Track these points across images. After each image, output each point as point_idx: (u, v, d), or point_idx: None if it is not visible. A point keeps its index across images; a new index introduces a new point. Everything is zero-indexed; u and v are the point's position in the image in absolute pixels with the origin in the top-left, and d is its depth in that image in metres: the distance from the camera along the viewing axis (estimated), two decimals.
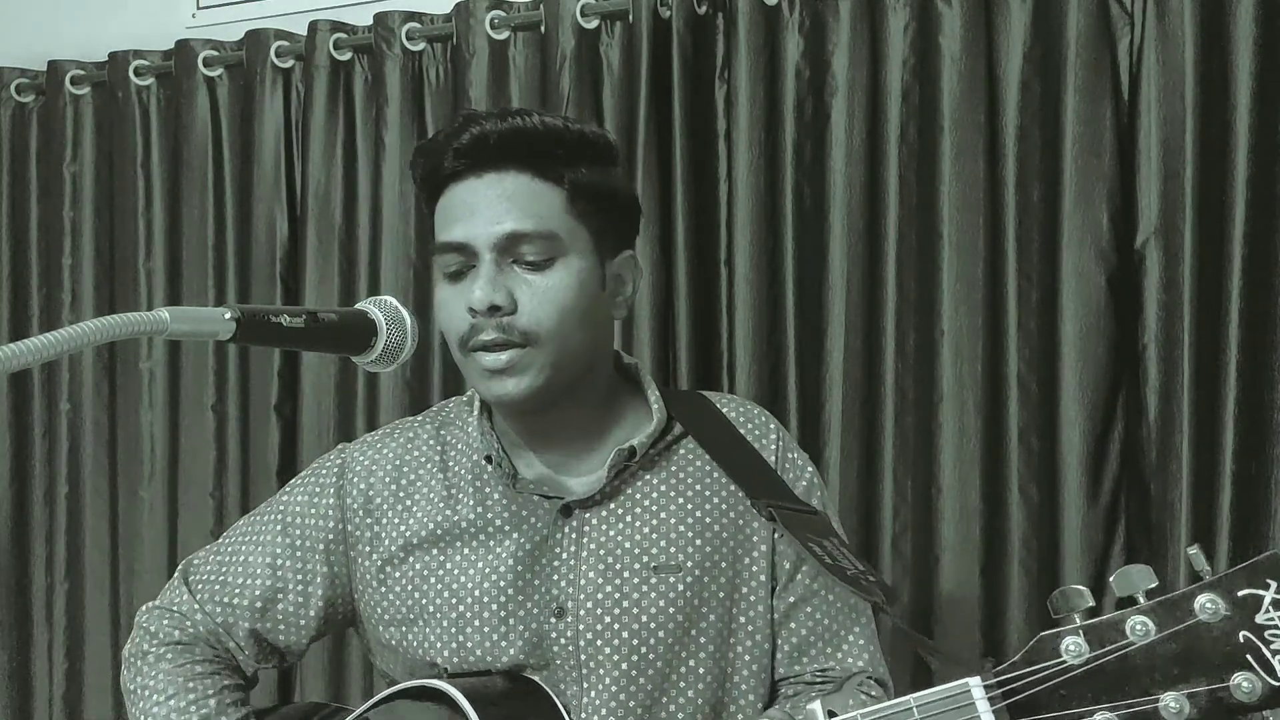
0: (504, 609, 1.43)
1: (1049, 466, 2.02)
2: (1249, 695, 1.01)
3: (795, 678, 1.48)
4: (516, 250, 1.39)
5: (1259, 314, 1.93)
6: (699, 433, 1.49)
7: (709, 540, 1.45)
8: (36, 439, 2.61)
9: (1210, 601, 1.02)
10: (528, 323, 1.38)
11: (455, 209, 1.42)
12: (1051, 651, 1.05)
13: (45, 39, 2.63)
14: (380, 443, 1.56)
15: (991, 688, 1.07)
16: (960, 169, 2.05)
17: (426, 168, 1.46)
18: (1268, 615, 1.01)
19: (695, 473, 1.49)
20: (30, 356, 0.97)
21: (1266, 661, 1.00)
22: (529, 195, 1.40)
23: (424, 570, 1.47)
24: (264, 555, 1.53)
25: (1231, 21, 1.94)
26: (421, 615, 1.46)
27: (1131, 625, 1.03)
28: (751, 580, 1.46)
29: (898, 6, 2.09)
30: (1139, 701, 1.03)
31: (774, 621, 1.47)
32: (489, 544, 1.45)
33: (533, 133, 1.41)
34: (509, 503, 1.46)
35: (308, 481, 1.57)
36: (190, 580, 1.57)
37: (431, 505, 1.49)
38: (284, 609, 1.52)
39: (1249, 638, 1.01)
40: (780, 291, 2.15)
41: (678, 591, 1.43)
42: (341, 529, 1.52)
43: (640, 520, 1.45)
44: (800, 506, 1.45)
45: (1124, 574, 1.05)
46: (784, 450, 1.52)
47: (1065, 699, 1.04)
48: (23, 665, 2.61)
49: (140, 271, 2.52)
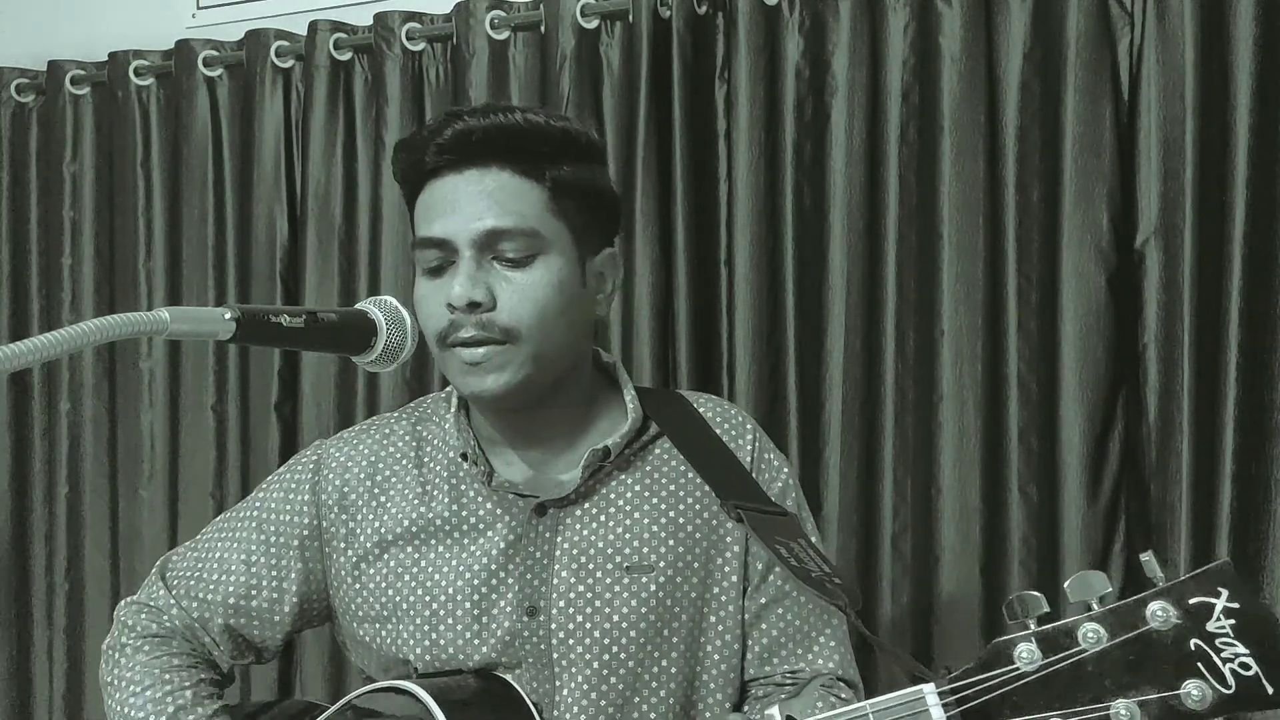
0: (477, 607, 1.43)
1: (1049, 466, 2.02)
2: (1199, 703, 1.01)
3: (765, 678, 1.49)
4: (497, 247, 1.38)
5: (1259, 314, 1.93)
6: (675, 433, 1.49)
7: (682, 541, 1.46)
8: (36, 439, 2.61)
9: (1162, 609, 1.02)
10: (507, 320, 1.37)
11: (436, 204, 1.41)
12: (1005, 658, 1.05)
13: (45, 39, 2.63)
14: (356, 439, 1.56)
15: (945, 694, 1.08)
16: (960, 169, 2.05)
17: (408, 162, 1.45)
18: (1219, 623, 1.01)
19: (670, 473, 1.49)
20: (30, 356, 0.97)
21: (1217, 670, 1.01)
22: (510, 192, 1.39)
23: (398, 567, 1.47)
24: (239, 552, 1.54)
25: (1231, 21, 1.94)
26: (395, 612, 1.46)
27: (1084, 632, 1.03)
28: (723, 581, 1.47)
29: (898, 6, 2.09)
30: (1091, 709, 1.03)
31: (745, 622, 1.47)
32: (463, 541, 1.45)
33: (515, 129, 1.41)
34: (484, 500, 1.46)
35: (283, 478, 1.57)
36: (167, 576, 1.57)
37: (406, 502, 1.49)
38: (258, 605, 1.53)
39: (1200, 645, 1.01)
40: (780, 291, 2.15)
41: (650, 591, 1.43)
42: (317, 525, 1.52)
43: (614, 520, 1.45)
44: (770, 508, 1.44)
45: (1081, 579, 1.04)
46: (760, 451, 1.52)
47: (1018, 705, 1.05)
48: (23, 665, 2.61)
49: (140, 271, 2.52)
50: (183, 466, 2.49)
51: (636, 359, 2.18)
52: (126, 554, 2.51)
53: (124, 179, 2.53)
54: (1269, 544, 1.93)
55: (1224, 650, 1.01)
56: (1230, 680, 1.00)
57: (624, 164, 2.20)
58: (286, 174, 2.45)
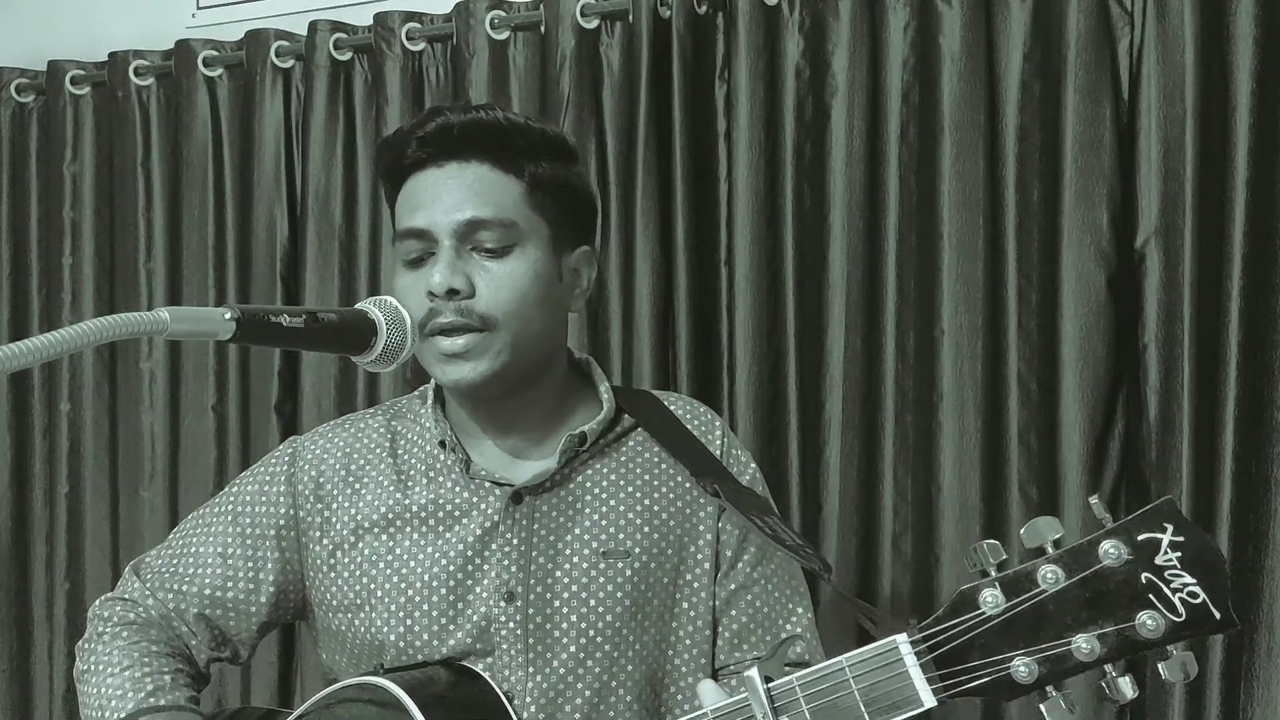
0: (453, 593, 1.45)
1: (1049, 466, 2.02)
2: (1153, 632, 1.07)
3: (736, 664, 1.51)
4: (475, 237, 1.42)
5: (1259, 314, 1.93)
6: (648, 424, 1.53)
7: (656, 528, 1.49)
8: (36, 439, 2.61)
9: (1113, 547, 1.09)
10: (485, 307, 1.41)
11: (417, 196, 1.45)
12: (971, 604, 1.12)
13: (45, 39, 2.63)
14: (331, 432, 1.59)
15: (918, 643, 1.13)
16: (960, 169, 2.05)
17: (390, 157, 1.49)
18: (1166, 556, 1.08)
19: (644, 463, 1.52)
20: (30, 356, 0.97)
21: (1168, 600, 1.07)
22: (489, 184, 1.43)
23: (373, 555, 1.49)
24: (214, 545, 1.55)
25: (1231, 21, 1.94)
26: (370, 600, 1.47)
27: (1043, 574, 1.10)
28: (695, 568, 1.50)
29: (898, 6, 2.09)
30: (1052, 645, 1.09)
31: (715, 609, 1.50)
32: (439, 529, 1.47)
33: (495, 125, 1.45)
34: (460, 489, 1.48)
35: (257, 473, 1.59)
36: (141, 573, 1.59)
37: (382, 489, 1.51)
38: (234, 596, 1.53)
39: (1150, 579, 1.08)
40: (780, 291, 2.15)
41: (625, 577, 1.46)
42: (293, 515, 1.54)
43: (590, 507, 1.48)
44: (743, 488, 1.50)
45: (1032, 526, 1.11)
46: (728, 447, 1.56)
47: (985, 648, 1.11)
48: (23, 665, 2.61)
49: (140, 271, 2.52)
50: (183, 467, 2.49)
51: (636, 359, 2.18)
52: (126, 554, 2.50)
53: (124, 179, 2.53)
54: (1269, 544, 1.93)
55: (1173, 581, 1.07)
56: (1180, 609, 1.07)
57: (624, 164, 2.20)
58: (286, 174, 2.45)
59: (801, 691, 1.17)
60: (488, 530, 1.46)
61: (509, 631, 1.44)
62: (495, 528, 1.46)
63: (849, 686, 1.15)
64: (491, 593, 1.45)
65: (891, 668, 1.14)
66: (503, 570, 1.45)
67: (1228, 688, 1.92)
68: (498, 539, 1.46)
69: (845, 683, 1.15)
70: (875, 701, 1.14)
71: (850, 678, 1.15)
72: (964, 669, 1.12)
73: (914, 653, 1.13)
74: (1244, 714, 1.93)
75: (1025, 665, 1.10)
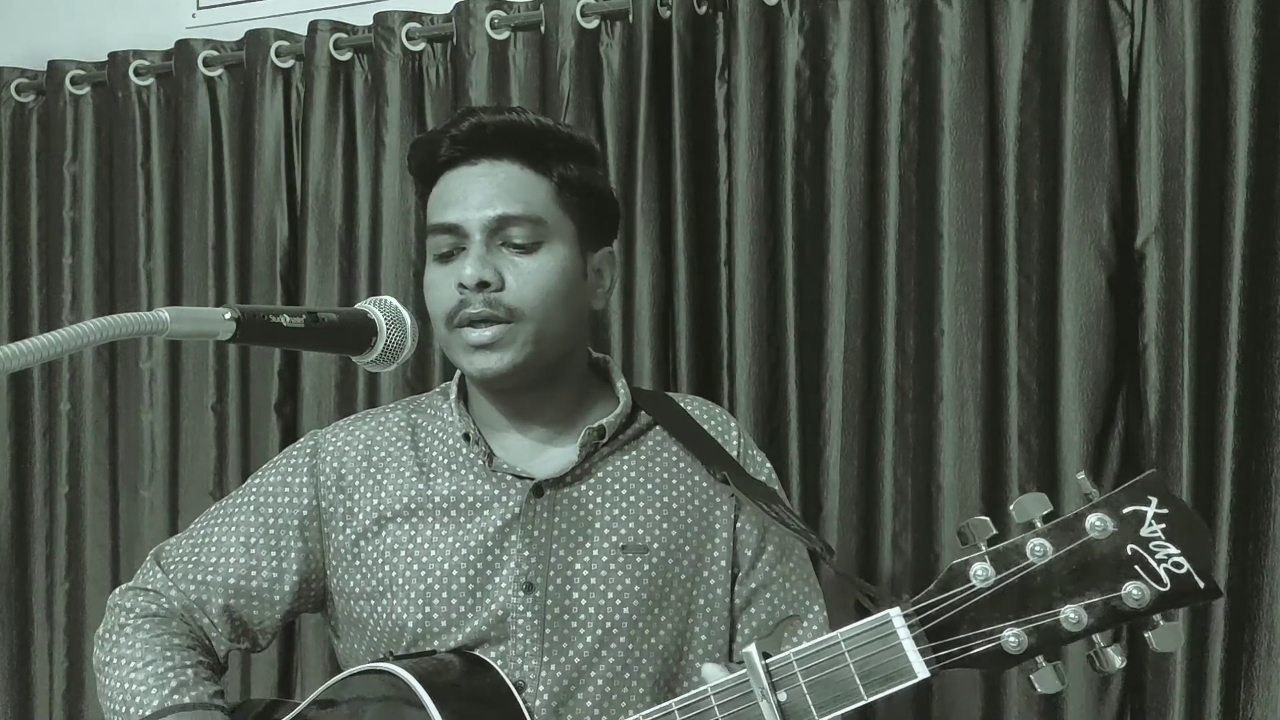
0: (472, 582, 1.47)
1: (1049, 466, 2.02)
2: (1139, 602, 1.10)
3: None
4: (505, 233, 1.47)
5: (1259, 314, 1.94)
6: (665, 422, 1.57)
7: (675, 525, 1.52)
8: (36, 439, 2.61)
9: (1099, 520, 1.12)
10: (513, 300, 1.46)
11: (450, 193, 1.50)
12: (962, 578, 1.16)
13: (45, 39, 2.64)
14: (351, 425, 1.62)
15: (910, 617, 1.17)
16: (960, 169, 2.05)
17: (423, 155, 1.55)
18: (1151, 528, 1.10)
19: (663, 461, 1.56)
20: (30, 356, 0.97)
21: (1153, 570, 1.10)
22: (519, 183, 1.49)
23: (395, 544, 1.51)
24: (237, 535, 1.56)
25: (1231, 21, 1.94)
26: (391, 587, 1.50)
27: (1031, 547, 1.13)
28: (713, 565, 1.53)
29: (898, 6, 2.09)
30: (1041, 615, 1.12)
31: (734, 607, 1.54)
32: (460, 520, 1.50)
33: (526, 127, 1.52)
34: (483, 482, 1.51)
35: (280, 464, 1.61)
36: (163, 562, 1.60)
37: (404, 480, 1.54)
38: (258, 585, 1.55)
39: (1136, 550, 1.10)
40: (780, 291, 2.15)
41: (643, 571, 1.49)
42: (316, 505, 1.56)
43: (610, 501, 1.51)
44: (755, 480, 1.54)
45: (1020, 503, 1.16)
46: (745, 447, 1.61)
47: (976, 620, 1.15)
48: (23, 665, 2.61)
49: (140, 271, 2.52)
50: (183, 466, 2.49)
51: (636, 359, 2.18)
52: (126, 554, 2.51)
53: (124, 179, 2.53)
54: (1269, 543, 1.93)
55: (1158, 552, 1.10)
56: (1165, 579, 1.10)
57: (624, 164, 2.20)
58: (286, 174, 2.45)
59: (799, 666, 1.20)
60: (509, 522, 1.49)
61: (525, 621, 1.46)
62: (516, 519, 1.49)
63: (844, 660, 1.18)
64: (510, 583, 1.47)
65: (885, 641, 1.17)
66: (522, 561, 1.47)
67: (1228, 688, 1.92)
68: (518, 530, 1.49)
69: (841, 656, 1.18)
70: (870, 674, 1.17)
71: (845, 651, 1.18)
72: (956, 640, 1.15)
73: (907, 626, 1.17)
74: (1244, 714, 1.93)
75: (1015, 636, 1.13)
